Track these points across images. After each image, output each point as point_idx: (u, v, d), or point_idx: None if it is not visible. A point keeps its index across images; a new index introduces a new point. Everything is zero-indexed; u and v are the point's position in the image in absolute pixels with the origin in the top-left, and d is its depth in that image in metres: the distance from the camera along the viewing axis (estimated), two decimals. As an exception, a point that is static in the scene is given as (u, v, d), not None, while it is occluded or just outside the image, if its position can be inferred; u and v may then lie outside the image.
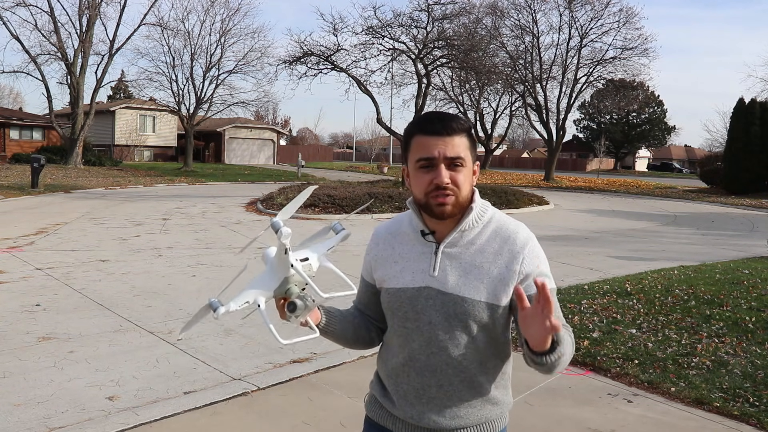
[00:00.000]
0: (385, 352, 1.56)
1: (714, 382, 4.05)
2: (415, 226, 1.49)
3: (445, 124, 1.38)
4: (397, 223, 1.57)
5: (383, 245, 1.55)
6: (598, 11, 29.73)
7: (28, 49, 28.31)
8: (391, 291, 1.48)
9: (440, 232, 1.45)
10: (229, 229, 11.58)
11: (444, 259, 1.43)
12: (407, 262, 1.47)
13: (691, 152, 76.03)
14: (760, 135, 25.70)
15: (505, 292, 1.40)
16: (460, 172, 1.39)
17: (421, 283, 1.43)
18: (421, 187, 1.39)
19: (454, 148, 1.37)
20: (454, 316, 1.40)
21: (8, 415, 3.43)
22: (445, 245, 1.44)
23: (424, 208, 1.42)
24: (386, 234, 1.57)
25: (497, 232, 1.44)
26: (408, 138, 1.44)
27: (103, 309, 5.68)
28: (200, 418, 3.50)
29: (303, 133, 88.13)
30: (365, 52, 20.32)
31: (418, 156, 1.39)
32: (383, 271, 1.52)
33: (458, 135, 1.39)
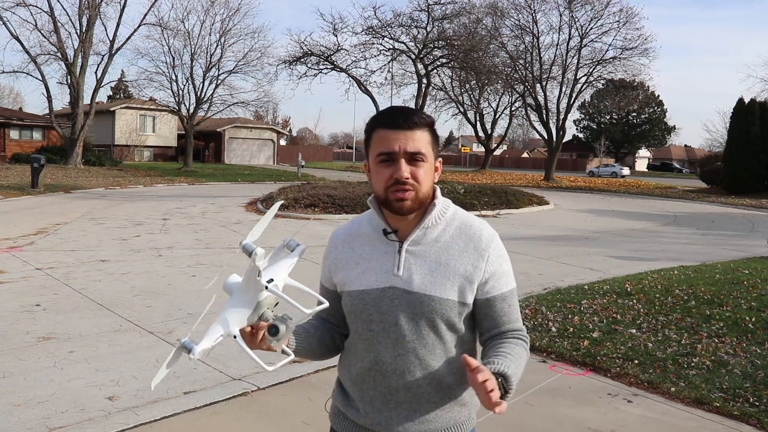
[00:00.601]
0: (349, 357, 1.51)
1: (714, 382, 4.05)
2: (375, 226, 1.45)
3: (406, 117, 1.34)
4: (356, 224, 1.52)
5: (342, 248, 1.50)
6: (598, 11, 29.78)
7: (28, 49, 28.35)
8: (353, 294, 1.43)
9: (402, 230, 1.41)
10: (229, 229, 11.58)
11: (408, 258, 1.39)
12: (369, 262, 1.42)
13: (691, 152, 76.07)
14: (760, 135, 25.72)
15: (471, 290, 1.38)
16: (420, 168, 1.35)
17: (385, 283, 1.39)
18: (381, 181, 1.36)
19: (414, 142, 1.34)
20: (421, 315, 1.36)
21: (8, 415, 3.43)
22: (408, 243, 1.40)
23: (384, 204, 1.38)
24: (345, 236, 1.52)
25: (462, 230, 1.41)
26: (369, 132, 1.41)
27: (103, 309, 5.68)
28: (200, 418, 3.50)
29: (303, 133, 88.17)
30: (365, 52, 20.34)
31: (378, 150, 1.36)
32: (344, 274, 1.46)
33: (420, 129, 1.35)
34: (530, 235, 11.93)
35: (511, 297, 1.43)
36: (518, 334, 1.43)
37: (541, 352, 4.67)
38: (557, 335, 5.02)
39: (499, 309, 1.41)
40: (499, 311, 1.41)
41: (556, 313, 5.68)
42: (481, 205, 15.88)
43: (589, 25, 30.28)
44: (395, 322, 1.38)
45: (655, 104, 60.63)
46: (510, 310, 1.43)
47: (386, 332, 1.39)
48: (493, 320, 1.42)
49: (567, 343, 4.80)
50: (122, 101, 45.63)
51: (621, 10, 29.73)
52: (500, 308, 1.41)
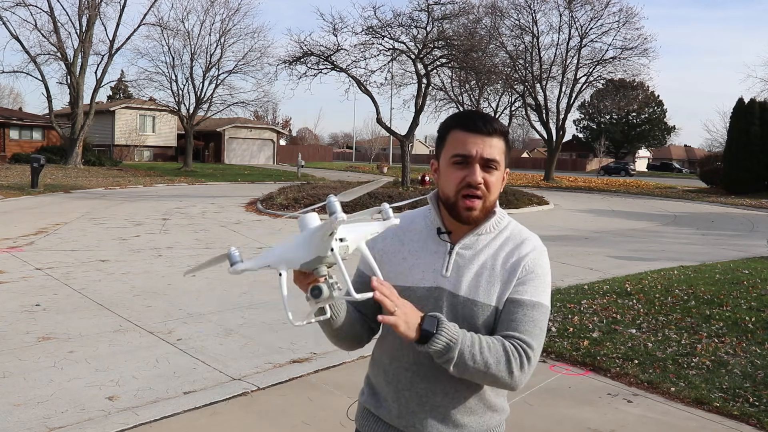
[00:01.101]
0: (383, 356, 1.47)
1: (714, 382, 4.05)
2: (430, 223, 1.44)
3: (486, 122, 1.34)
4: (408, 218, 1.49)
5: (391, 239, 1.47)
6: (598, 11, 29.80)
7: (27, 49, 28.33)
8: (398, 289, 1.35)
9: (456, 232, 1.40)
10: (229, 229, 11.58)
11: (458, 261, 1.38)
12: (417, 259, 1.41)
13: (690, 152, 76.08)
14: (759, 135, 25.72)
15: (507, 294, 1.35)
16: (493, 175, 1.34)
17: (432, 282, 1.37)
18: (453, 183, 1.34)
19: (491, 149, 1.33)
20: (463, 319, 1.34)
21: (8, 415, 3.43)
22: (460, 246, 1.39)
23: (450, 208, 1.37)
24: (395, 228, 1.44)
25: (510, 239, 1.40)
26: (444, 132, 1.39)
27: (103, 309, 5.68)
28: (200, 418, 3.50)
29: (303, 133, 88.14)
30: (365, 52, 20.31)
31: (454, 151, 1.35)
32: (390, 267, 1.43)
33: (497, 137, 1.35)
34: (530, 235, 11.92)
35: (531, 308, 1.34)
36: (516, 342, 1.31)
37: (541, 352, 4.66)
38: (557, 335, 5.02)
39: (512, 313, 1.34)
40: (512, 315, 1.34)
41: (556, 313, 5.68)
42: (481, 205, 15.86)
43: (589, 25, 30.33)
44: None
45: (655, 104, 60.65)
46: (524, 320, 1.33)
47: None
48: (505, 324, 1.34)
49: (567, 343, 4.80)
50: (122, 101, 45.61)
51: (621, 10, 29.80)
52: (514, 313, 1.34)
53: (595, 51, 31.11)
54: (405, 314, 1.20)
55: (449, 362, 1.24)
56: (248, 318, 5.54)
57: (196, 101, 34.09)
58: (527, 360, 1.31)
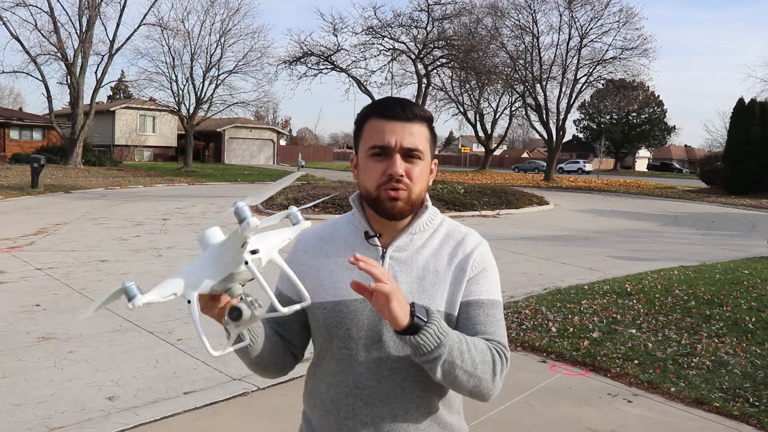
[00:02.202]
0: (319, 384, 1.29)
1: (714, 382, 4.05)
2: (355, 228, 1.30)
3: (404, 107, 1.21)
4: (330, 226, 1.35)
5: (314, 252, 1.32)
6: (598, 11, 29.82)
7: (28, 49, 28.35)
8: (327, 305, 1.24)
9: (386, 235, 1.26)
10: (230, 228, 11.57)
11: (393, 265, 1.24)
12: (346, 270, 1.25)
13: (691, 152, 76.06)
14: (760, 135, 25.74)
15: (459, 296, 1.23)
16: (416, 165, 1.21)
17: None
18: (372, 178, 1.21)
19: (412, 137, 1.20)
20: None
21: (8, 415, 3.43)
22: (393, 249, 1.25)
23: (373, 204, 1.23)
24: (316, 240, 1.34)
25: (449, 236, 1.29)
26: (361, 121, 1.25)
27: (103, 309, 5.67)
28: (200, 418, 3.50)
29: (303, 133, 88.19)
30: (365, 52, 20.35)
31: (371, 142, 1.21)
32: (316, 283, 1.27)
33: (419, 123, 1.22)
34: (530, 235, 11.93)
35: (491, 307, 1.24)
36: (496, 346, 1.20)
37: (541, 352, 4.67)
38: (557, 335, 5.02)
39: (474, 316, 1.23)
40: (474, 319, 1.22)
41: (556, 313, 5.68)
42: (481, 205, 15.88)
43: (589, 25, 30.34)
44: (378, 338, 1.21)
45: (655, 104, 60.63)
46: (488, 320, 1.23)
47: (368, 350, 1.21)
48: (470, 328, 1.22)
49: (567, 343, 4.80)
50: (122, 101, 45.63)
51: (621, 10, 29.80)
52: (476, 315, 1.23)
53: (595, 51, 31.18)
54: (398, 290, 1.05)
55: (437, 360, 1.08)
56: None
57: (197, 101, 34.12)
58: (506, 361, 1.20)
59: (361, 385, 1.22)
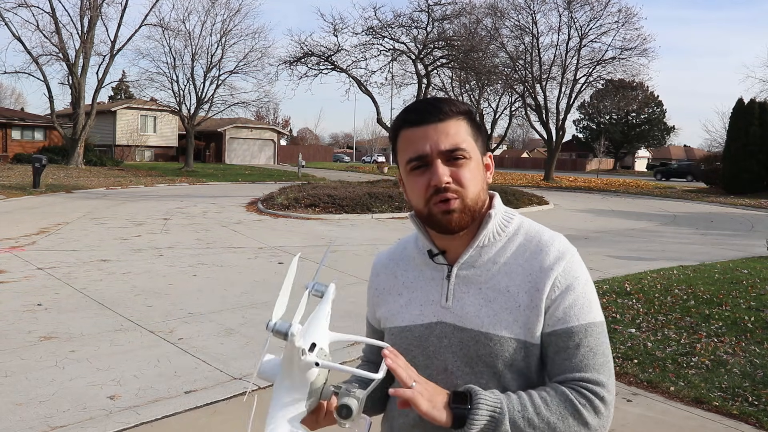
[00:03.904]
0: (392, 408, 1.21)
1: (713, 382, 4.07)
2: (421, 247, 1.18)
3: (433, 108, 1.08)
4: (402, 246, 1.25)
5: (384, 275, 1.23)
6: (598, 12, 29.79)
7: (29, 49, 28.32)
8: (395, 331, 1.16)
9: (453, 250, 1.13)
10: (230, 228, 11.60)
11: (459, 285, 1.11)
12: (414, 292, 1.16)
13: (690, 152, 76.02)
14: (759, 135, 25.74)
15: (539, 323, 1.06)
16: (463, 167, 1.07)
17: (431, 317, 1.12)
18: (419, 194, 1.08)
19: (449, 137, 1.06)
20: (477, 359, 1.07)
21: (10, 414, 3.45)
22: (459, 267, 1.12)
23: (428, 222, 1.10)
24: (387, 261, 1.25)
25: (526, 245, 1.12)
26: (395, 135, 1.13)
27: (104, 308, 5.70)
28: (201, 417, 3.52)
29: (303, 133, 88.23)
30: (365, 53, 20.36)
31: (407, 156, 1.09)
32: (387, 307, 1.20)
33: (454, 119, 1.08)
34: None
35: (584, 334, 1.05)
36: (579, 385, 1.03)
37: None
38: (557, 335, 5.03)
39: (563, 349, 1.05)
40: (563, 353, 1.05)
41: (556, 313, 5.69)
42: (481, 205, 15.88)
43: (589, 25, 30.31)
44: (444, 367, 1.10)
45: (654, 104, 60.63)
46: (582, 353, 1.04)
47: (433, 380, 1.07)
48: (558, 364, 1.06)
49: (566, 343, 4.81)
50: (123, 101, 45.64)
51: (620, 10, 29.75)
52: (565, 349, 1.05)
53: (594, 51, 31.14)
54: (426, 390, 0.97)
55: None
56: (249, 317, 5.56)
57: (197, 101, 34.13)
58: (601, 402, 1.02)
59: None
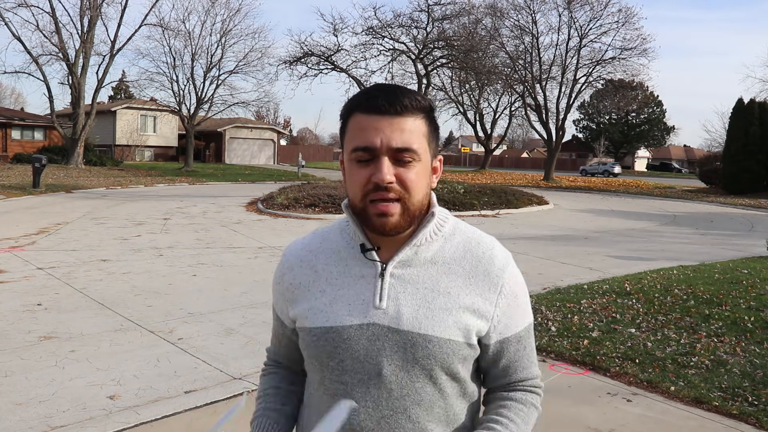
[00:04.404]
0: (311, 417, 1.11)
1: (713, 382, 4.07)
2: (350, 239, 1.09)
3: (393, 98, 0.98)
4: (319, 237, 1.15)
5: (301, 269, 1.12)
6: (597, 12, 29.81)
7: (29, 49, 28.33)
8: (317, 332, 1.05)
9: (387, 247, 1.06)
10: (230, 228, 11.60)
11: (395, 284, 1.04)
12: (340, 289, 1.06)
13: (690, 152, 76.07)
14: (759, 135, 25.74)
15: (478, 328, 1.04)
16: (411, 169, 1.00)
17: (362, 318, 1.03)
18: (357, 185, 1.01)
19: (403, 134, 0.98)
20: (414, 362, 1.01)
21: (10, 414, 3.44)
22: (394, 265, 1.05)
23: (362, 218, 1.03)
24: (305, 253, 1.13)
25: (467, 248, 1.08)
26: (345, 116, 1.04)
27: (104, 308, 5.70)
28: (201, 417, 3.52)
29: (303, 133, 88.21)
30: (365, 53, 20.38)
31: (354, 144, 1.00)
32: (305, 305, 1.08)
33: (412, 115, 1.00)
34: (530, 235, 11.95)
35: (527, 336, 1.11)
36: (530, 385, 1.12)
37: (541, 352, 4.68)
38: (557, 335, 5.04)
39: (512, 353, 1.09)
40: (512, 356, 1.09)
41: (556, 313, 5.69)
42: (480, 205, 15.89)
43: (588, 25, 30.33)
44: (378, 371, 1.02)
45: (654, 104, 60.69)
46: (525, 354, 1.11)
47: (365, 386, 1.03)
48: (503, 368, 1.10)
49: (566, 343, 4.82)
50: (123, 101, 45.63)
51: (620, 10, 29.80)
52: (514, 352, 1.09)
53: (594, 51, 31.16)
54: None
55: None
56: (249, 317, 5.56)
57: (197, 101, 34.14)
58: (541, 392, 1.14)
59: (358, 426, 1.03)
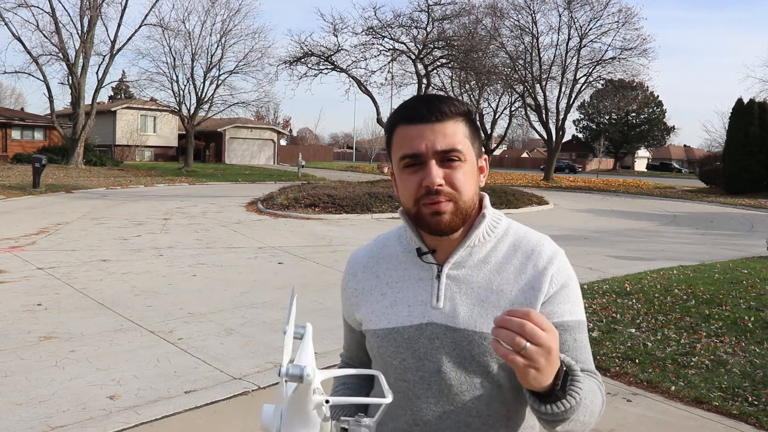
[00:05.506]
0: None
1: (713, 382, 4.07)
2: (407, 245, 1.15)
3: (432, 106, 1.05)
4: (381, 243, 1.21)
5: (364, 274, 1.19)
6: (598, 12, 29.83)
7: (29, 49, 28.31)
8: (380, 333, 1.11)
9: (442, 250, 1.11)
10: (230, 228, 11.60)
11: (450, 285, 1.09)
12: (400, 292, 1.12)
13: (690, 152, 76.10)
14: (758, 135, 25.75)
15: None
16: (457, 170, 1.05)
17: (421, 318, 1.09)
18: (409, 192, 1.06)
19: (446, 137, 1.04)
20: (470, 359, 1.06)
21: (10, 414, 3.45)
22: (450, 266, 1.10)
23: (417, 221, 1.08)
24: (366, 259, 1.20)
25: (517, 246, 1.12)
26: (390, 130, 1.10)
27: (104, 308, 5.70)
28: (201, 417, 3.52)
29: (303, 133, 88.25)
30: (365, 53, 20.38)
31: (401, 152, 1.06)
32: (368, 308, 1.15)
33: (452, 120, 1.06)
34: (530, 235, 11.94)
35: (578, 330, 1.09)
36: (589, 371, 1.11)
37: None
38: (557, 335, 5.03)
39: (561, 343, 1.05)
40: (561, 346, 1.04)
41: (556, 313, 5.69)
42: (481, 205, 15.88)
43: (589, 25, 30.34)
44: (437, 369, 1.07)
45: (654, 104, 60.70)
46: (577, 346, 1.08)
47: (426, 383, 1.07)
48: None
49: (566, 343, 4.81)
50: (123, 101, 45.64)
51: (620, 10, 29.80)
52: (563, 342, 1.07)
53: (594, 51, 31.18)
54: (546, 352, 0.86)
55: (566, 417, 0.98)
56: (249, 317, 5.56)
57: (197, 101, 34.13)
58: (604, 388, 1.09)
59: (420, 421, 1.08)
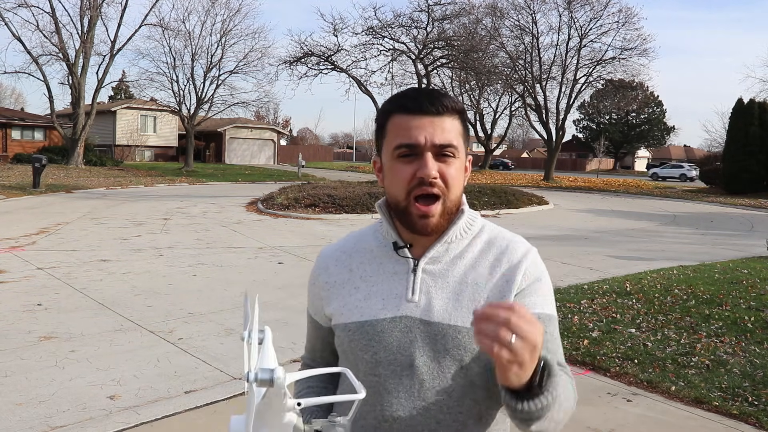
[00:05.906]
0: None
1: (713, 382, 4.07)
2: (383, 238, 1.15)
3: (433, 100, 1.05)
4: (353, 240, 1.20)
5: (336, 268, 1.17)
6: (598, 12, 29.85)
7: (29, 49, 28.32)
8: (352, 327, 1.09)
9: (419, 244, 1.11)
10: (230, 228, 11.60)
11: (426, 279, 1.08)
12: (373, 285, 1.11)
13: (690, 152, 76.07)
14: (758, 135, 25.76)
15: None
16: (451, 165, 1.05)
17: (395, 311, 1.07)
18: (401, 182, 1.05)
19: (444, 132, 1.04)
20: (444, 353, 1.04)
21: (10, 414, 3.44)
22: (426, 261, 1.09)
23: (401, 215, 1.07)
24: (339, 254, 1.19)
25: (492, 243, 1.12)
26: (383, 119, 1.09)
27: (104, 308, 5.70)
28: (201, 417, 3.52)
29: (303, 133, 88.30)
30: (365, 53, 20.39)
31: (397, 141, 1.05)
32: (339, 302, 1.13)
33: (450, 116, 1.06)
34: (530, 235, 11.91)
35: (549, 323, 1.08)
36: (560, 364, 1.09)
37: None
38: (557, 335, 5.03)
39: None
40: None
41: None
42: (481, 205, 15.89)
43: (589, 25, 30.36)
44: (410, 363, 1.05)
45: (654, 104, 60.68)
46: (548, 339, 1.05)
47: (398, 377, 1.06)
48: None
49: (566, 343, 4.81)
50: (123, 101, 45.64)
51: (620, 10, 29.82)
52: None
53: (594, 51, 31.19)
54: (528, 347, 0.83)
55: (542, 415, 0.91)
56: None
57: (197, 101, 34.14)
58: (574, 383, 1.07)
59: (390, 417, 1.06)
